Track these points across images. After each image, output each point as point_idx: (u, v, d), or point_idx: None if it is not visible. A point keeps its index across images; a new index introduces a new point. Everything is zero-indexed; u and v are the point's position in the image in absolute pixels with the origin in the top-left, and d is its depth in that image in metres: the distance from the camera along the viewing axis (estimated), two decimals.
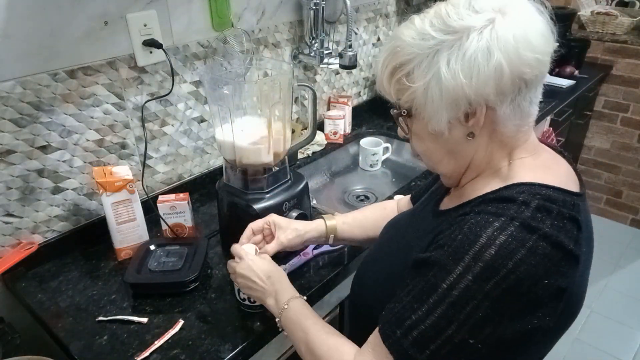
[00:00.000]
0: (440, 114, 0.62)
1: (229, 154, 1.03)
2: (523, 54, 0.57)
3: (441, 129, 0.63)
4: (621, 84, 2.52)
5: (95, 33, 1.03)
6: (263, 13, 1.37)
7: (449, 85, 0.59)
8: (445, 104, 0.60)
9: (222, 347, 0.86)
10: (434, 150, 0.69)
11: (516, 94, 0.60)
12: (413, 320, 0.60)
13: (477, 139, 0.64)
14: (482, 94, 0.59)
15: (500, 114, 0.61)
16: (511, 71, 0.57)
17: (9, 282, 1.03)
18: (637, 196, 2.70)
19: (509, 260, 0.55)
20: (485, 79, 0.58)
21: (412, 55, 0.61)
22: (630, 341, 2.09)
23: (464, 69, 0.58)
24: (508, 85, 0.58)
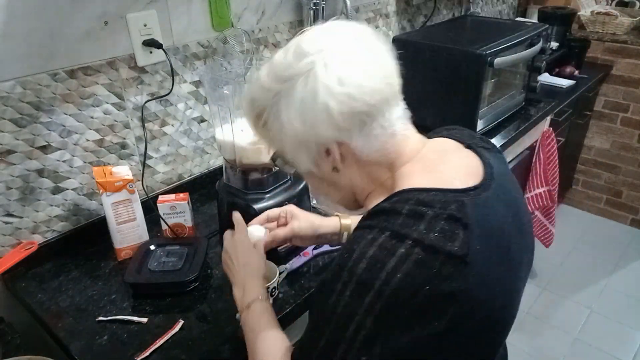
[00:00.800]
0: (299, 156, 0.65)
1: (229, 154, 1.03)
2: (347, 91, 0.59)
3: (308, 168, 0.66)
4: (621, 84, 2.52)
5: (95, 33, 1.03)
6: (263, 13, 1.37)
7: (290, 132, 0.62)
8: (296, 148, 0.63)
9: (222, 347, 0.86)
10: (317, 185, 0.72)
11: (361, 126, 0.61)
12: (309, 345, 0.60)
13: (345, 170, 0.66)
14: (321, 135, 0.61)
15: (353, 146, 0.63)
16: (340, 109, 0.59)
17: (9, 282, 1.03)
18: (637, 196, 2.70)
19: (380, 272, 0.53)
20: (316, 122, 0.60)
21: (261, 105, 0.64)
22: (630, 341, 2.09)
23: (297, 116, 0.60)
24: (345, 122, 0.60)
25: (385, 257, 0.54)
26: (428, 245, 0.54)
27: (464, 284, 0.54)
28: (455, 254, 0.54)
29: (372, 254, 0.55)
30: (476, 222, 0.56)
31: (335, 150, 0.63)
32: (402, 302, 0.53)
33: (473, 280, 0.55)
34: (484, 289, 0.57)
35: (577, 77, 2.27)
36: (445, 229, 0.55)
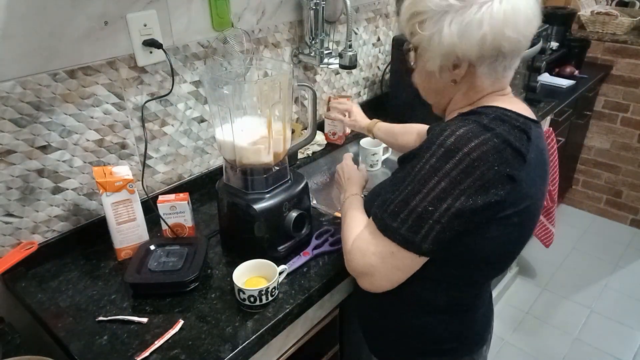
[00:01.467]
0: (435, 60, 0.77)
1: (229, 154, 1.03)
2: (506, 32, 0.71)
3: (434, 70, 0.79)
4: (621, 84, 2.53)
5: (95, 33, 1.03)
6: (263, 13, 1.37)
7: (445, 41, 0.74)
8: (440, 54, 0.76)
9: (222, 347, 0.86)
10: (425, 86, 0.87)
11: (493, 60, 0.75)
12: (391, 199, 0.76)
13: (458, 86, 0.81)
14: (467, 54, 0.74)
15: (478, 71, 0.77)
16: (492, 43, 0.72)
17: (9, 282, 1.03)
18: (637, 196, 2.70)
19: (464, 146, 0.70)
20: (472, 44, 0.72)
21: (427, 9, 0.74)
22: (630, 341, 2.09)
23: (459, 32, 0.72)
24: (488, 52, 0.73)
25: (471, 137, 0.70)
26: (505, 139, 0.71)
27: (520, 175, 0.72)
28: (520, 151, 0.72)
29: (461, 133, 0.71)
30: (534, 141, 0.75)
31: (464, 68, 0.77)
32: (475, 173, 0.69)
33: (525, 175, 0.73)
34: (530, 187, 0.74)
35: (577, 77, 2.27)
36: (517, 134, 0.73)
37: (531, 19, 0.73)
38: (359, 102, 1.90)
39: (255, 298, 0.92)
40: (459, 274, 0.83)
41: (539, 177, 0.78)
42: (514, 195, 0.72)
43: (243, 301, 0.92)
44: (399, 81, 1.74)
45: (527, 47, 0.77)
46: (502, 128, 0.72)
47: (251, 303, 0.92)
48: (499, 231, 0.75)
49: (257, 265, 0.98)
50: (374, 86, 1.95)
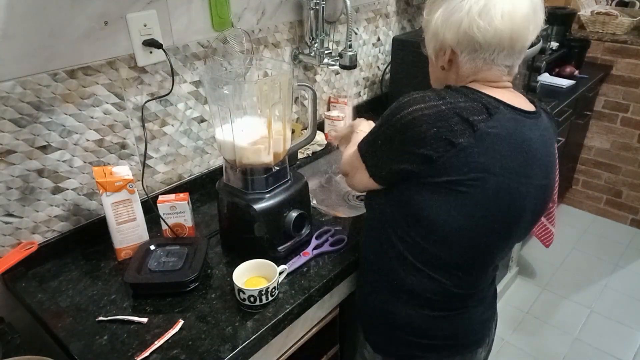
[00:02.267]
0: (430, 43, 0.87)
1: (229, 154, 1.03)
2: (480, 22, 0.76)
3: (430, 55, 0.89)
4: (621, 84, 2.52)
5: (95, 33, 1.03)
6: (263, 13, 1.37)
7: (434, 24, 0.83)
8: (432, 36, 0.85)
9: (222, 347, 0.86)
10: (432, 72, 0.94)
11: (471, 49, 0.80)
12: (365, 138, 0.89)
13: (448, 72, 0.87)
14: (447, 38, 0.81)
15: (460, 59, 0.82)
16: (465, 30, 0.78)
17: (9, 282, 1.03)
18: (637, 196, 2.70)
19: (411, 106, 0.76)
20: (449, 28, 0.80)
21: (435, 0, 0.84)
22: (630, 341, 2.09)
23: (443, 16, 0.80)
24: (463, 40, 0.79)
25: (420, 101, 0.76)
26: (455, 108, 0.75)
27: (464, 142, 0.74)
28: (469, 121, 0.75)
29: (416, 96, 0.78)
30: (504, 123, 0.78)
31: (447, 53, 0.83)
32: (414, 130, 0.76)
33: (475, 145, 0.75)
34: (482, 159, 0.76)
35: (577, 77, 2.27)
36: (475, 108, 0.76)
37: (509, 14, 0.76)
38: (359, 102, 1.90)
39: (255, 298, 0.92)
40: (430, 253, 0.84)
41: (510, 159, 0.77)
42: (454, 160, 0.75)
43: (243, 301, 0.92)
44: (399, 81, 1.74)
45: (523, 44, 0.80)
46: (458, 99, 0.76)
47: (251, 303, 0.92)
48: (442, 196, 0.79)
49: (257, 265, 0.98)
50: (374, 86, 1.95)
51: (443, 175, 0.76)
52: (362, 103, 1.91)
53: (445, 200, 0.79)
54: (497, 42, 0.78)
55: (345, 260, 1.07)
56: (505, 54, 0.80)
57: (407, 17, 1.96)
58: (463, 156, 0.75)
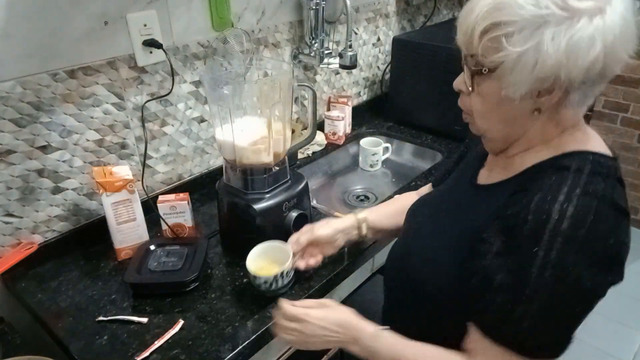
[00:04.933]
0: (523, 84, 0.62)
1: (229, 154, 1.03)
2: (618, 52, 0.60)
3: (515, 97, 0.64)
4: (621, 84, 2.52)
5: (95, 33, 1.03)
6: (263, 13, 1.37)
7: (547, 60, 0.59)
8: (534, 76, 0.61)
9: (222, 347, 0.86)
10: (493, 114, 0.70)
11: (592, 84, 0.63)
12: (519, 311, 0.63)
13: (539, 115, 0.67)
14: (571, 77, 0.60)
15: (570, 98, 0.64)
16: (603, 65, 0.59)
17: (9, 282, 1.03)
18: (637, 196, 2.70)
19: (582, 228, 0.59)
20: (581, 65, 0.59)
21: (518, 18, 0.59)
22: (630, 341, 2.09)
23: (567, 48, 0.58)
24: (593, 76, 0.61)
25: (585, 215, 0.60)
26: (612, 202, 0.62)
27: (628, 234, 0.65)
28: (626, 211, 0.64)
29: (572, 213, 0.60)
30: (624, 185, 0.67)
31: (557, 94, 0.63)
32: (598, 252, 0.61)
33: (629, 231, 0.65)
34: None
35: None
36: (618, 188, 0.64)
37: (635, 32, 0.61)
38: (359, 102, 1.90)
39: (270, 283, 0.92)
40: None
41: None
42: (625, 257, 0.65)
43: (259, 287, 0.93)
44: (399, 81, 1.74)
45: None
46: (605, 186, 0.62)
47: (267, 289, 0.92)
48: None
49: (268, 249, 0.98)
50: (373, 86, 1.95)
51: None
52: (362, 103, 1.91)
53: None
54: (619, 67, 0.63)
55: (345, 260, 1.07)
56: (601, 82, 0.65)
57: (407, 17, 1.96)
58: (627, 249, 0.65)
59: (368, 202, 1.53)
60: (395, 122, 1.81)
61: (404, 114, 1.76)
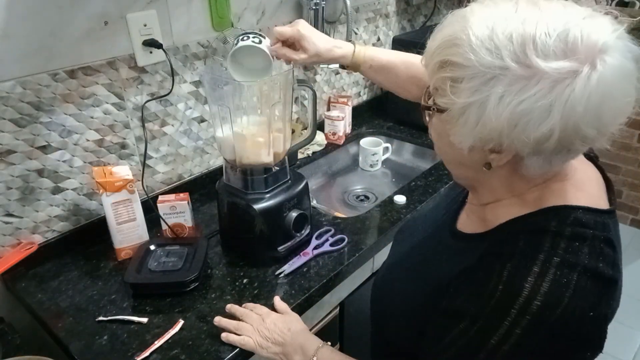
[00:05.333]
0: (466, 138, 0.55)
1: (229, 154, 1.03)
2: (583, 128, 0.49)
3: (462, 148, 0.56)
4: None
5: (95, 33, 1.03)
6: (263, 13, 1.37)
7: (488, 122, 0.51)
8: (475, 134, 0.53)
9: (222, 347, 0.86)
10: (448, 154, 0.64)
11: (554, 154, 0.53)
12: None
13: (494, 172, 0.59)
14: (517, 146, 0.52)
15: (526, 162, 0.56)
16: (560, 139, 0.49)
17: (9, 282, 1.03)
18: (637, 196, 2.70)
19: (555, 308, 0.51)
20: (528, 135, 0.49)
21: (469, 64, 0.50)
22: (630, 341, 2.08)
23: (512, 115, 0.49)
24: (549, 149, 0.51)
25: (561, 295, 0.51)
26: (595, 273, 0.53)
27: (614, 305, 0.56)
28: (613, 279, 0.55)
29: (546, 290, 0.52)
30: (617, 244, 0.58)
31: (505, 157, 0.55)
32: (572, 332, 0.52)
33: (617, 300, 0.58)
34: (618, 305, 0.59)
35: None
36: (605, 253, 0.55)
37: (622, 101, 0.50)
38: (359, 102, 1.90)
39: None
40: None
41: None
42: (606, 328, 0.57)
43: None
44: None
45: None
46: (586, 253, 0.54)
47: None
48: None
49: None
50: (373, 86, 1.95)
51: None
52: (362, 103, 1.91)
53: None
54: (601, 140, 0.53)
55: (345, 260, 1.07)
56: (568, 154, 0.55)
57: (407, 17, 1.96)
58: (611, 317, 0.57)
59: (368, 202, 1.53)
60: (395, 122, 1.81)
61: (404, 114, 1.76)
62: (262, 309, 0.89)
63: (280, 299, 0.94)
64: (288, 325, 0.84)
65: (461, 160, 0.61)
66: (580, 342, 0.54)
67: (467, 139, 0.54)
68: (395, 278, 0.79)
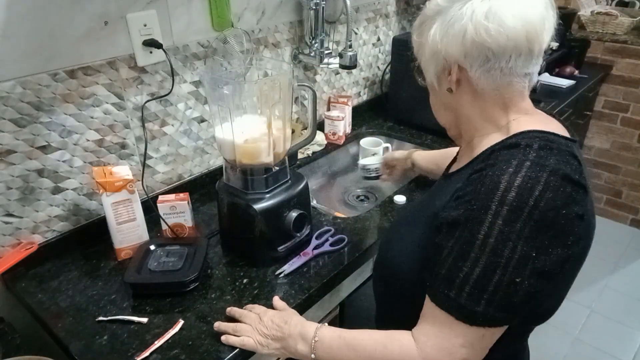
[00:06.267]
0: (429, 67, 0.76)
1: (229, 153, 1.03)
2: (487, 26, 0.66)
3: (432, 81, 0.77)
4: (621, 84, 2.52)
5: (95, 33, 1.03)
6: (263, 13, 1.37)
7: (431, 43, 0.72)
8: (429, 58, 0.74)
9: (222, 347, 0.86)
10: (434, 102, 0.83)
11: (484, 61, 0.69)
12: (461, 277, 0.65)
13: (459, 95, 0.75)
14: (451, 53, 0.70)
15: (471, 75, 0.71)
16: (473, 38, 0.67)
17: (9, 282, 1.03)
18: (637, 196, 2.70)
19: (529, 198, 0.61)
20: (451, 40, 0.69)
21: (424, 16, 0.74)
22: (630, 341, 2.09)
23: (440, 31, 0.71)
24: (472, 51, 0.69)
25: (533, 185, 0.62)
26: (564, 173, 0.63)
27: (586, 209, 0.65)
28: (580, 183, 0.64)
29: (519, 183, 0.62)
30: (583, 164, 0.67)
31: (454, 71, 0.72)
32: (547, 224, 0.62)
33: (589, 207, 0.66)
34: (592, 217, 0.68)
35: (577, 77, 2.27)
36: (570, 162, 0.65)
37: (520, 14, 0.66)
38: (359, 102, 1.90)
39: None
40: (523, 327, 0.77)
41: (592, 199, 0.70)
42: (584, 233, 0.66)
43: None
44: (399, 81, 1.74)
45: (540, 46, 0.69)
46: (554, 160, 0.64)
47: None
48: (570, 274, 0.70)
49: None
50: (373, 86, 1.95)
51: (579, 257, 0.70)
52: (362, 103, 1.91)
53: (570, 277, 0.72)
54: (513, 45, 0.67)
55: (345, 260, 1.07)
56: (523, 59, 0.69)
57: (407, 17, 1.96)
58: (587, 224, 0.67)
59: (368, 202, 1.53)
60: (395, 122, 1.82)
61: (404, 114, 1.76)
62: (260, 308, 0.90)
63: (280, 299, 0.94)
64: (285, 319, 0.84)
65: (441, 101, 0.80)
66: (560, 235, 0.62)
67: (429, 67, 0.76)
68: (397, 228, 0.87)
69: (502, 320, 0.65)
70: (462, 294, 0.64)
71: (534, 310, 0.69)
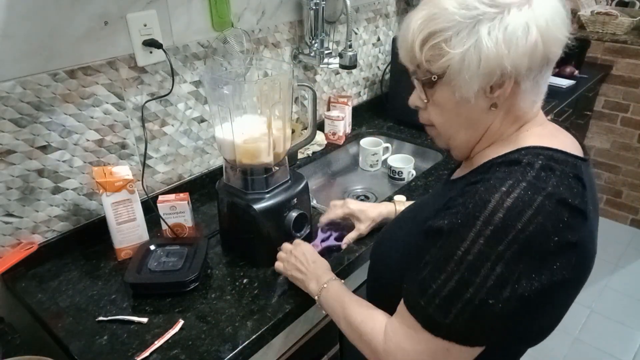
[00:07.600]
0: (473, 82, 0.64)
1: (229, 154, 1.03)
2: (554, 34, 0.61)
3: (469, 96, 0.65)
4: (621, 84, 2.52)
5: (95, 33, 1.03)
6: (263, 13, 1.37)
7: (490, 54, 0.61)
8: (481, 72, 0.62)
9: (222, 347, 0.86)
10: (454, 121, 0.71)
11: (539, 71, 0.64)
12: (434, 288, 0.63)
13: (497, 111, 0.68)
14: (516, 66, 0.61)
15: (522, 88, 0.65)
16: (543, 49, 0.61)
17: (9, 282, 1.03)
18: (637, 196, 2.70)
19: (517, 222, 0.58)
20: (522, 53, 0.61)
21: (453, 23, 0.62)
22: (630, 341, 2.09)
23: (505, 37, 0.60)
24: (537, 62, 0.62)
25: (523, 209, 0.58)
26: (560, 198, 0.59)
27: (582, 237, 0.61)
28: (578, 208, 0.60)
29: (510, 204, 0.59)
30: (589, 186, 0.64)
31: (509, 85, 0.64)
32: (533, 250, 0.59)
33: (588, 234, 0.63)
34: (593, 244, 0.65)
35: (577, 77, 2.27)
36: (572, 185, 0.61)
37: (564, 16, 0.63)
38: (359, 102, 1.90)
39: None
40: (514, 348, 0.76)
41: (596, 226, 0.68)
42: (578, 260, 0.62)
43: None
44: (399, 81, 1.74)
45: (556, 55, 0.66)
46: (554, 182, 0.60)
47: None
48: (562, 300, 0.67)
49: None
50: (373, 86, 1.95)
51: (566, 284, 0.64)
52: (362, 103, 1.91)
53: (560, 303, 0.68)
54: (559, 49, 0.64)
55: (345, 261, 1.07)
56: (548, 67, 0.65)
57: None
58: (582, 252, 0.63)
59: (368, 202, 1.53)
60: (395, 122, 1.82)
61: (404, 114, 1.76)
62: (296, 241, 1.00)
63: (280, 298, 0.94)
64: (314, 258, 0.93)
65: (468, 117, 0.69)
66: (546, 262, 0.59)
67: (473, 83, 0.64)
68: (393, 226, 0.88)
69: (469, 338, 0.63)
70: (431, 304, 0.63)
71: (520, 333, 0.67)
